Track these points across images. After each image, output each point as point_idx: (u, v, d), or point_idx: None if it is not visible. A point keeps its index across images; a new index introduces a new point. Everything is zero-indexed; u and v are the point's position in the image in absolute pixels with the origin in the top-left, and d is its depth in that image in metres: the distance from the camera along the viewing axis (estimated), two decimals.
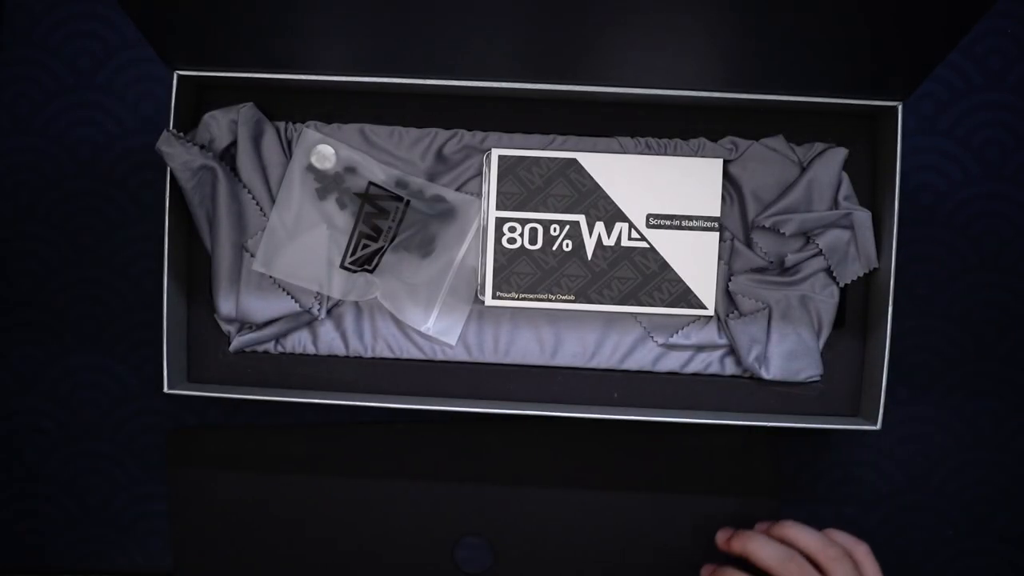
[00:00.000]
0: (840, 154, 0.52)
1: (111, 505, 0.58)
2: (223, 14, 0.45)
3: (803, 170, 0.52)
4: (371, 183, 0.52)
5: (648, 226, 0.49)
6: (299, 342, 0.54)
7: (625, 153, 0.51)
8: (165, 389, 0.51)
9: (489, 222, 0.49)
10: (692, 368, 0.53)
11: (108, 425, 0.58)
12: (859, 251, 0.51)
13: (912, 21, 0.42)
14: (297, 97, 0.53)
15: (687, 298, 0.50)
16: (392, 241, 0.52)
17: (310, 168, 0.52)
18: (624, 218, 0.49)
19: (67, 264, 0.57)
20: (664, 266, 0.50)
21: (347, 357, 0.54)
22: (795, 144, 0.53)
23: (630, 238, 0.49)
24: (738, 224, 0.53)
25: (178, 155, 0.49)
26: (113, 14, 0.57)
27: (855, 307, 0.54)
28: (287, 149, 0.53)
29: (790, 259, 0.52)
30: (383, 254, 0.53)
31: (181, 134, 0.50)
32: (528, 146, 0.53)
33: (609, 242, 0.49)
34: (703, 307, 0.50)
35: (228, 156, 0.52)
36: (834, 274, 0.52)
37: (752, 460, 0.55)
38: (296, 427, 0.56)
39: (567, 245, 0.49)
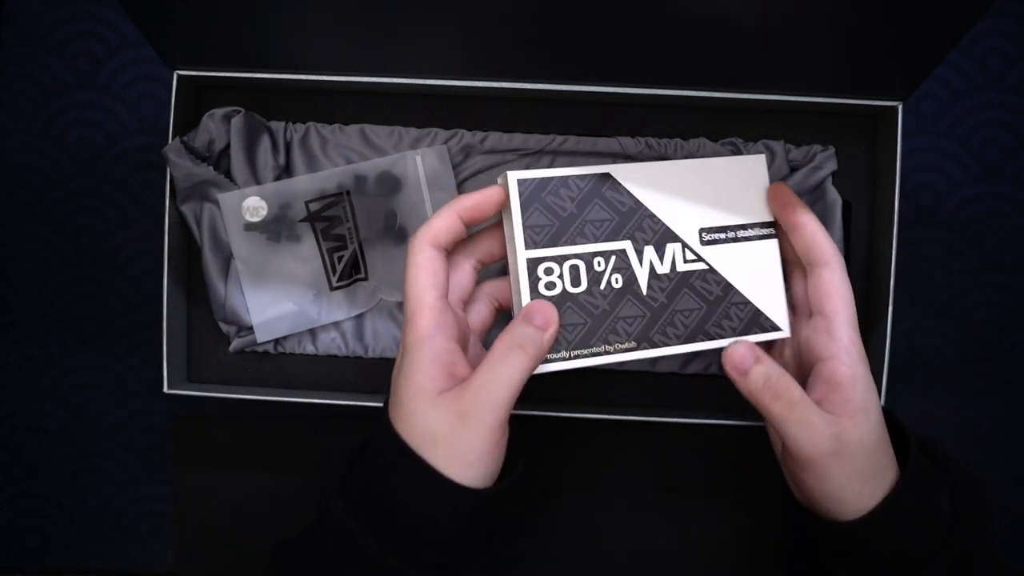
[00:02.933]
0: (828, 168, 0.52)
1: (111, 505, 0.58)
2: (223, 14, 0.45)
3: (792, 171, 0.52)
4: (306, 203, 0.52)
5: (703, 243, 0.42)
6: (299, 342, 0.54)
7: (658, 160, 0.43)
8: (165, 389, 0.51)
9: (520, 266, 0.39)
10: (692, 368, 0.54)
11: (108, 425, 0.58)
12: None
13: (912, 21, 0.42)
14: (297, 97, 0.53)
15: (758, 321, 0.42)
16: (359, 235, 0.52)
17: (249, 227, 0.51)
18: (675, 238, 0.42)
19: (67, 264, 0.57)
20: (728, 288, 0.42)
21: (347, 357, 0.54)
22: (794, 145, 0.53)
23: (686, 260, 0.42)
24: None
25: (183, 166, 0.50)
26: (113, 14, 0.57)
27: (855, 307, 0.54)
28: (286, 151, 0.53)
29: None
30: (363, 255, 0.53)
31: (189, 141, 0.50)
32: (528, 145, 0.53)
33: (663, 269, 0.41)
34: (777, 328, 0.42)
35: (227, 157, 0.52)
36: None
37: (752, 460, 0.55)
38: (297, 426, 0.56)
39: (616, 280, 0.41)
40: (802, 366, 0.42)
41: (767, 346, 0.44)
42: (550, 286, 0.40)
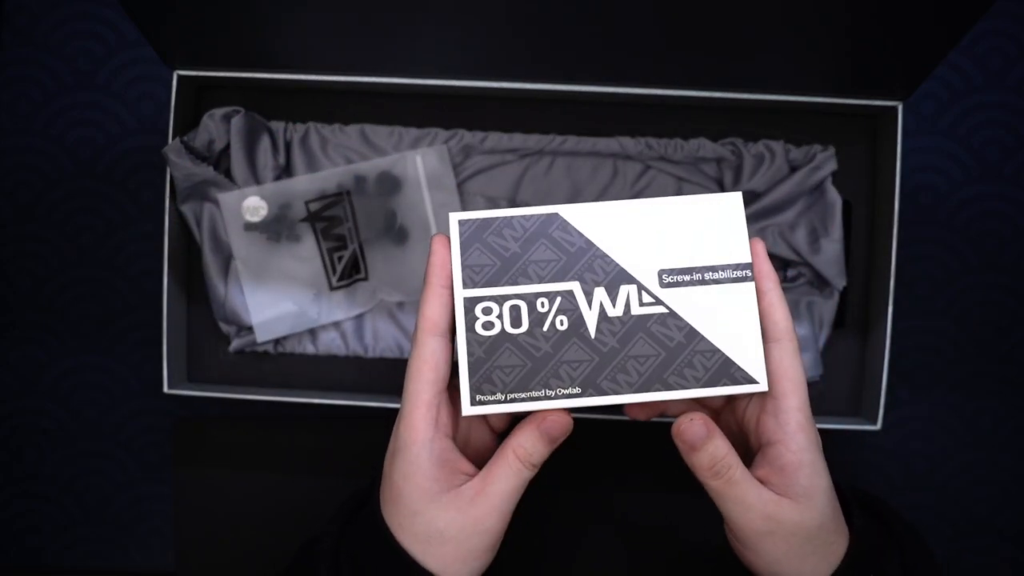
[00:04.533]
0: (828, 168, 0.52)
1: (111, 505, 0.58)
2: (223, 14, 0.45)
3: (792, 171, 0.52)
4: (306, 203, 0.52)
5: (663, 285, 0.38)
6: (299, 342, 0.54)
7: (616, 200, 0.39)
8: (165, 389, 0.51)
9: (457, 304, 0.37)
10: None
11: (108, 425, 0.58)
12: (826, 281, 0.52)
13: (912, 21, 0.42)
14: (297, 97, 0.53)
15: (729, 372, 0.38)
16: (359, 235, 0.52)
17: (249, 227, 0.52)
18: (630, 279, 0.38)
19: (67, 264, 0.57)
20: (692, 334, 0.38)
21: (347, 357, 0.54)
22: (794, 145, 0.53)
23: (642, 303, 0.38)
24: None
25: (183, 166, 0.50)
26: (113, 14, 0.57)
27: (855, 307, 0.54)
28: (286, 151, 0.53)
29: (791, 273, 0.53)
30: (363, 255, 0.53)
31: (189, 141, 0.50)
32: (527, 145, 0.53)
33: (615, 312, 0.38)
34: (752, 381, 0.37)
35: (227, 158, 0.52)
36: (832, 283, 0.52)
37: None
38: (297, 426, 0.56)
39: (561, 322, 0.37)
40: (743, 439, 0.41)
41: (727, 399, 0.42)
42: (488, 326, 0.37)
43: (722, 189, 0.53)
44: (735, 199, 0.38)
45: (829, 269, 0.51)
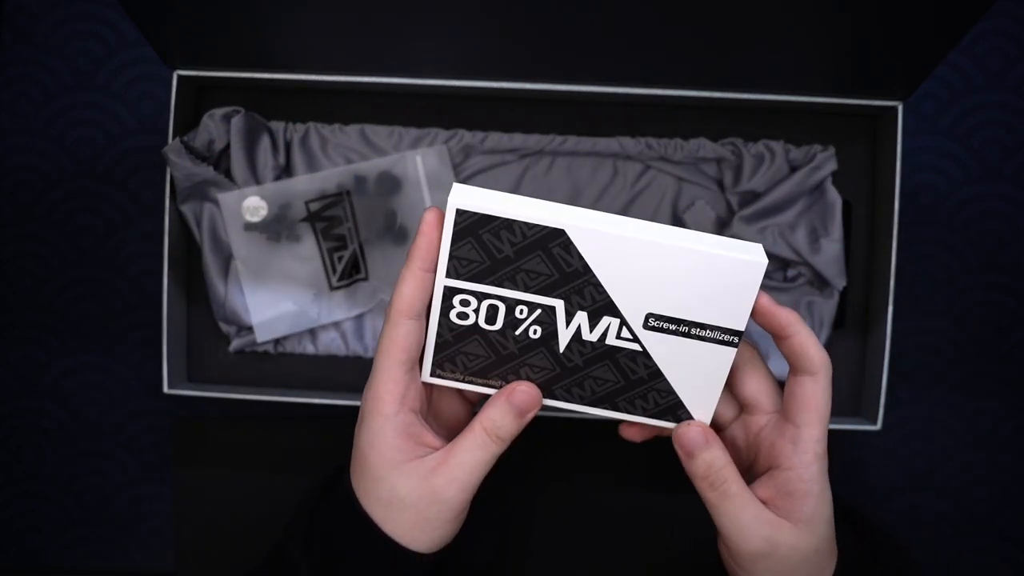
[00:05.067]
0: (828, 168, 0.52)
1: (111, 505, 0.58)
2: (223, 15, 0.45)
3: (792, 171, 0.52)
4: (306, 203, 0.52)
5: (646, 327, 0.37)
6: (299, 342, 0.54)
7: (632, 227, 0.37)
8: (165, 389, 0.51)
9: (436, 289, 0.37)
10: None
11: (108, 425, 0.58)
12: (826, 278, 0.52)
13: (912, 21, 0.42)
14: (297, 97, 0.53)
15: (676, 412, 0.39)
16: (359, 235, 0.52)
17: (249, 227, 0.52)
18: (616, 312, 0.37)
19: (67, 264, 0.57)
20: (655, 375, 0.38)
21: (347, 357, 0.54)
22: (794, 145, 0.53)
23: (619, 337, 0.37)
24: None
25: (183, 166, 0.50)
26: (113, 14, 0.57)
27: (855, 307, 0.54)
28: (286, 151, 0.53)
29: (791, 273, 0.53)
30: (363, 255, 0.53)
31: (189, 141, 0.50)
32: (528, 145, 0.53)
33: (590, 337, 0.37)
34: None
35: (227, 158, 0.52)
36: (832, 283, 0.52)
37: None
38: (297, 426, 0.56)
39: (535, 332, 0.37)
40: (749, 456, 0.41)
41: (738, 412, 0.43)
42: (462, 316, 0.37)
43: (722, 189, 0.53)
44: (758, 268, 0.36)
45: (829, 269, 0.51)
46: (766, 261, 0.36)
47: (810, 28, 0.44)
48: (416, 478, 0.37)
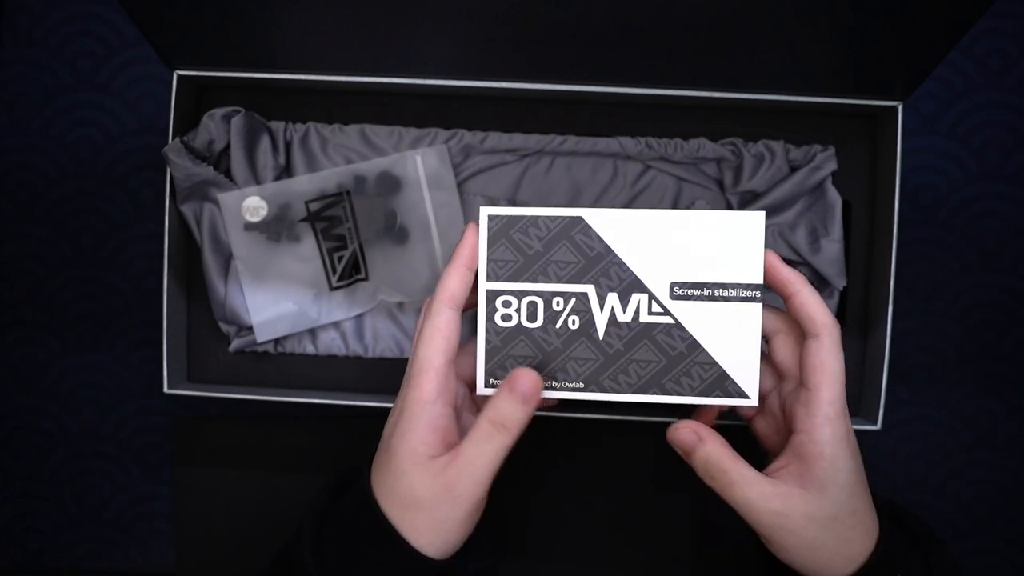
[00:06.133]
0: (828, 168, 0.52)
1: (111, 505, 0.58)
2: (223, 14, 0.45)
3: (792, 171, 0.52)
4: (306, 203, 0.52)
5: (673, 297, 0.40)
6: (299, 342, 0.54)
7: (641, 208, 0.41)
8: (165, 389, 0.51)
9: (480, 294, 0.40)
10: None
11: (108, 425, 0.58)
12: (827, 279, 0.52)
13: (912, 21, 0.42)
14: (297, 97, 0.53)
15: (723, 385, 0.40)
16: (359, 235, 0.52)
17: (249, 227, 0.52)
18: (643, 288, 0.40)
19: (67, 264, 0.57)
20: (694, 346, 0.40)
21: (347, 357, 0.54)
22: (794, 145, 0.53)
23: (651, 312, 0.40)
24: None
25: (183, 166, 0.50)
26: (113, 14, 0.57)
27: (855, 307, 0.54)
28: (286, 151, 0.53)
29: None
30: (363, 255, 0.53)
31: (189, 141, 0.50)
32: (528, 145, 0.53)
33: (624, 317, 0.40)
34: (744, 396, 0.40)
35: (227, 158, 0.52)
36: (832, 283, 0.52)
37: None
38: (297, 426, 0.56)
39: (573, 322, 0.40)
40: (788, 423, 0.41)
41: (773, 385, 0.43)
42: (506, 318, 0.41)
43: (722, 189, 0.53)
44: (758, 219, 0.40)
45: (829, 269, 0.51)
46: (763, 213, 0.40)
47: (810, 28, 0.44)
48: (430, 476, 0.37)
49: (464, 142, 0.53)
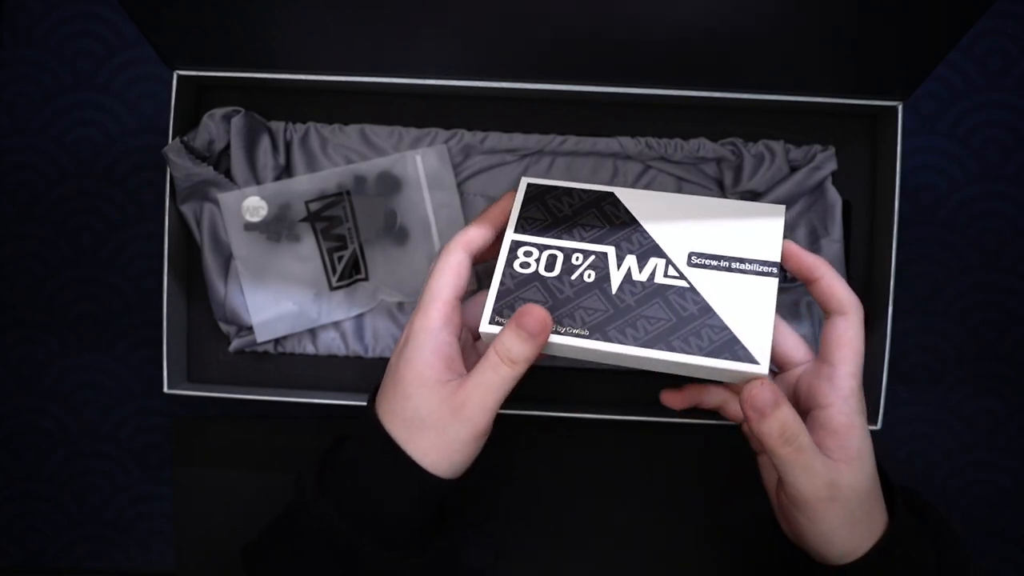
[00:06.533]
0: (828, 168, 0.52)
1: (111, 505, 0.58)
2: (223, 14, 0.45)
3: (792, 171, 0.52)
4: (306, 203, 0.52)
5: (690, 264, 0.41)
6: (299, 342, 0.54)
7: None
8: (165, 389, 0.51)
9: (504, 245, 0.42)
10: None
11: (108, 425, 0.58)
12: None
13: (912, 21, 0.42)
14: (297, 97, 0.53)
15: (733, 349, 0.39)
16: (359, 235, 0.52)
17: (249, 227, 0.52)
18: (661, 253, 0.41)
19: (67, 264, 0.57)
20: (706, 309, 0.40)
21: (347, 357, 0.54)
22: (794, 145, 0.53)
23: (667, 275, 0.41)
24: None
25: (183, 166, 0.50)
26: (113, 14, 0.57)
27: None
28: (286, 151, 0.53)
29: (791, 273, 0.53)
30: (363, 255, 0.53)
31: (189, 141, 0.50)
32: (528, 145, 0.53)
33: (640, 277, 0.41)
34: (754, 361, 0.38)
35: (227, 158, 0.52)
36: None
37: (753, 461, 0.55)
38: (297, 426, 0.56)
39: (589, 276, 0.41)
40: (799, 408, 0.42)
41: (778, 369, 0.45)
42: (524, 265, 0.42)
43: (722, 189, 0.53)
44: (779, 210, 0.42)
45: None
46: (784, 207, 0.42)
47: (810, 28, 0.44)
48: (438, 400, 0.38)
49: (464, 142, 0.53)
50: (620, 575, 0.55)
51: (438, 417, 0.38)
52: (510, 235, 0.43)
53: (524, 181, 0.44)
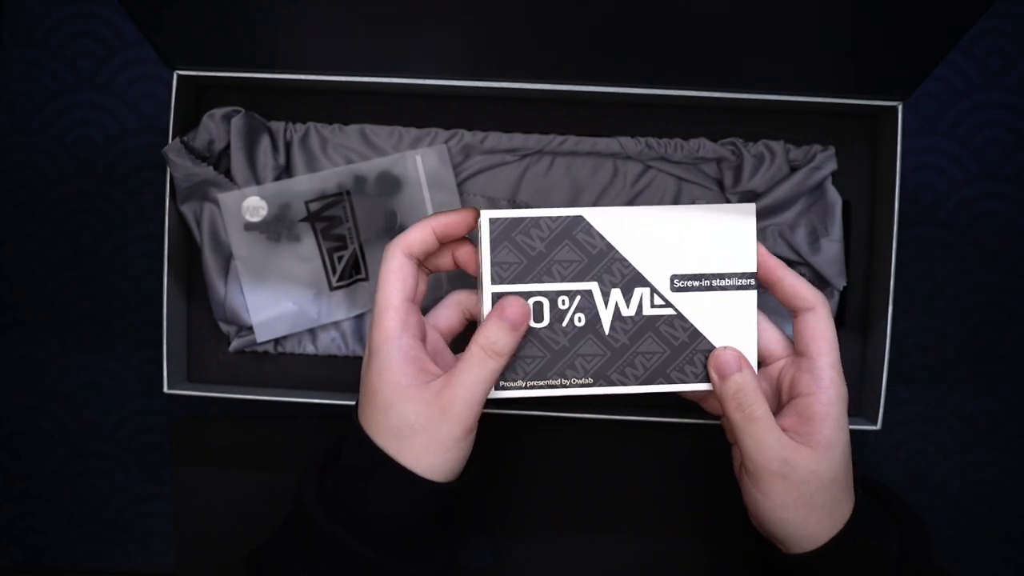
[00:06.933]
0: (828, 168, 0.52)
1: (111, 505, 0.58)
2: (223, 14, 0.45)
3: (792, 171, 0.52)
4: (306, 203, 0.52)
5: (673, 289, 0.42)
6: (299, 342, 0.54)
7: (637, 206, 0.43)
8: (165, 389, 0.51)
9: (485, 298, 0.41)
10: None
11: (108, 425, 0.58)
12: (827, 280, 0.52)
13: (912, 21, 0.42)
14: (297, 97, 0.53)
15: None
16: (359, 235, 0.52)
17: (249, 227, 0.52)
18: (644, 282, 0.42)
19: (67, 264, 0.57)
20: (695, 335, 0.42)
21: (347, 357, 0.54)
22: (794, 145, 0.53)
23: (653, 305, 0.42)
24: None
25: (183, 166, 0.50)
26: (113, 14, 0.57)
27: (855, 307, 0.54)
28: (286, 151, 0.53)
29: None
30: (363, 255, 0.53)
31: (189, 141, 0.50)
32: (528, 145, 0.53)
33: (628, 312, 0.41)
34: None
35: (227, 158, 0.52)
36: (832, 283, 0.52)
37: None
38: (297, 426, 0.56)
39: (579, 319, 0.41)
40: (772, 404, 0.43)
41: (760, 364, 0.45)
42: None
43: (722, 189, 0.53)
44: (749, 210, 0.42)
45: (829, 269, 0.51)
46: (754, 205, 0.42)
47: (810, 28, 0.44)
48: (422, 402, 0.39)
49: (464, 142, 0.53)
50: (620, 575, 0.55)
51: (427, 419, 0.38)
52: (488, 288, 0.41)
53: (485, 216, 0.41)
